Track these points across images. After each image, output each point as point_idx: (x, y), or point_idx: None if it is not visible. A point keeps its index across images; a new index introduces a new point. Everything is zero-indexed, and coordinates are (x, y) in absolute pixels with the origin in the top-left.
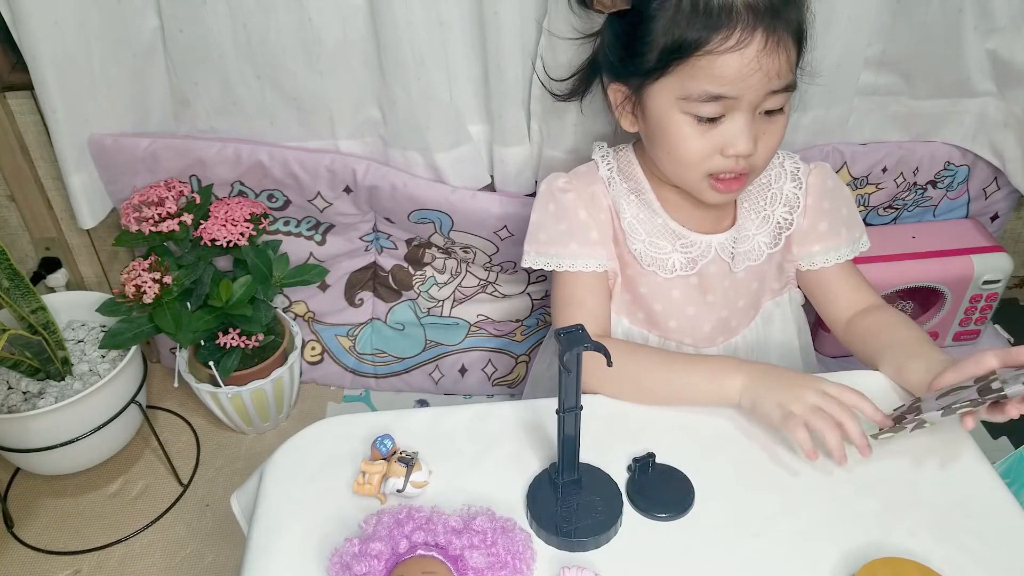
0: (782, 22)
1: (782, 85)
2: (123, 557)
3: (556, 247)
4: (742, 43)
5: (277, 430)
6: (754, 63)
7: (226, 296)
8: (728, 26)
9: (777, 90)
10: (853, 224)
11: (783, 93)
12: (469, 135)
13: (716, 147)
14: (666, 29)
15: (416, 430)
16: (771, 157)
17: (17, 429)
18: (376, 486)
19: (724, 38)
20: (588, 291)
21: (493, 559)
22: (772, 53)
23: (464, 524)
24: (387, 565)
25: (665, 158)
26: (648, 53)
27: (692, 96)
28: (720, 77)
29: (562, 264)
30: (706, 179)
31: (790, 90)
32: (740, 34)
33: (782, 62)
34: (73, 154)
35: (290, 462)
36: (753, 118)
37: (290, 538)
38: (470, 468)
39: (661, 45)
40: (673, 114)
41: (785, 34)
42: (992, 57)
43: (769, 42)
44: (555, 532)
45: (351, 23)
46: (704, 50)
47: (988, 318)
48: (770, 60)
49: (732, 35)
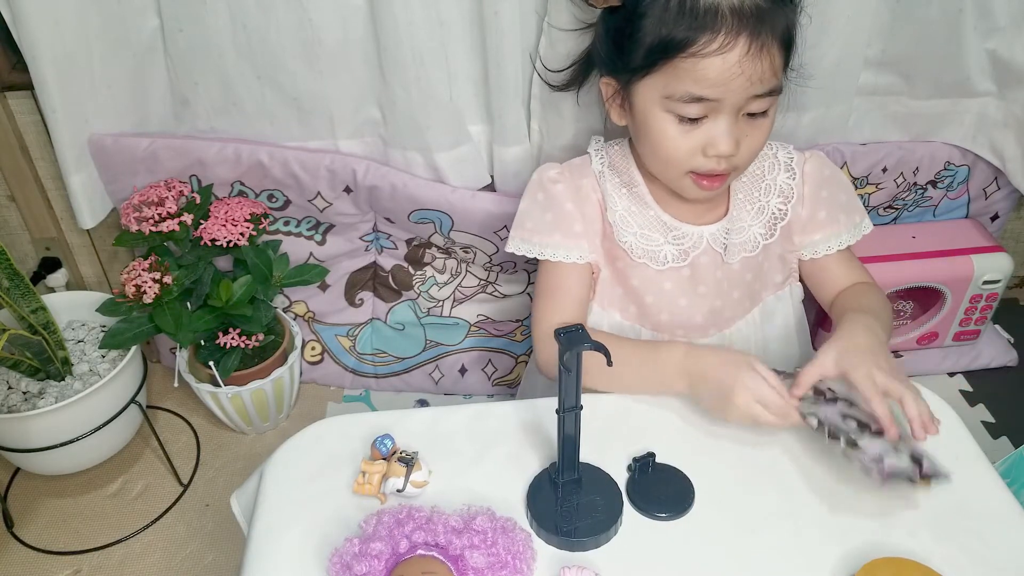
0: (768, 27)
1: (765, 90)
2: (123, 557)
3: (540, 236)
4: (725, 47)
5: (277, 430)
6: (736, 67)
7: (226, 296)
8: (713, 29)
9: (760, 94)
10: (852, 209)
11: (767, 97)
12: (469, 135)
13: (698, 147)
14: (653, 27)
15: (416, 430)
16: (753, 158)
17: (17, 429)
18: (376, 486)
19: (708, 41)
20: (568, 281)
21: (493, 559)
22: (755, 58)
23: (464, 524)
24: (387, 565)
25: (649, 154)
26: (636, 50)
27: (675, 96)
28: (703, 79)
29: (544, 253)
30: (687, 176)
31: (774, 94)
32: (724, 38)
33: (765, 67)
34: (73, 154)
35: (290, 462)
36: (736, 120)
37: (290, 538)
38: (470, 468)
39: (648, 43)
40: (657, 112)
41: (770, 39)
42: (992, 57)
43: (752, 47)
44: (555, 532)
45: (351, 23)
46: (688, 52)
47: (988, 318)
48: (753, 65)
49: (716, 38)
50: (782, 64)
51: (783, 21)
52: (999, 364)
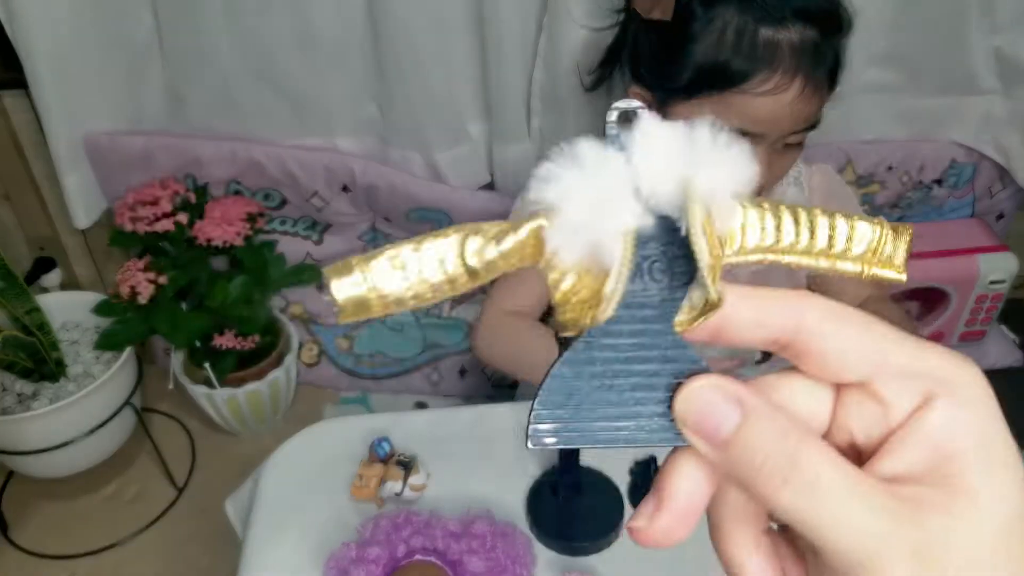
0: (823, 65)
1: (808, 125)
2: (118, 561)
3: None
4: (780, 88)
5: (273, 433)
6: (787, 108)
7: (222, 297)
8: (769, 67)
9: (802, 129)
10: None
11: (805, 131)
12: (468, 133)
13: None
14: (705, 53)
15: (414, 433)
16: (776, 182)
17: (11, 431)
18: (374, 490)
19: (763, 80)
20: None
21: (492, 564)
22: (807, 99)
23: (463, 528)
24: (385, 570)
25: None
26: (682, 72)
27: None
28: (751, 117)
29: None
30: None
31: (815, 127)
32: (779, 79)
33: (814, 107)
34: (68, 153)
35: (286, 465)
36: (772, 150)
37: (286, 543)
38: (469, 471)
39: (697, 68)
40: None
41: (823, 77)
42: (997, 54)
43: (806, 89)
44: (555, 536)
45: (349, 19)
46: (741, 87)
47: (994, 318)
48: (804, 106)
49: (771, 78)
50: (828, 96)
51: (835, 52)
52: (1005, 365)
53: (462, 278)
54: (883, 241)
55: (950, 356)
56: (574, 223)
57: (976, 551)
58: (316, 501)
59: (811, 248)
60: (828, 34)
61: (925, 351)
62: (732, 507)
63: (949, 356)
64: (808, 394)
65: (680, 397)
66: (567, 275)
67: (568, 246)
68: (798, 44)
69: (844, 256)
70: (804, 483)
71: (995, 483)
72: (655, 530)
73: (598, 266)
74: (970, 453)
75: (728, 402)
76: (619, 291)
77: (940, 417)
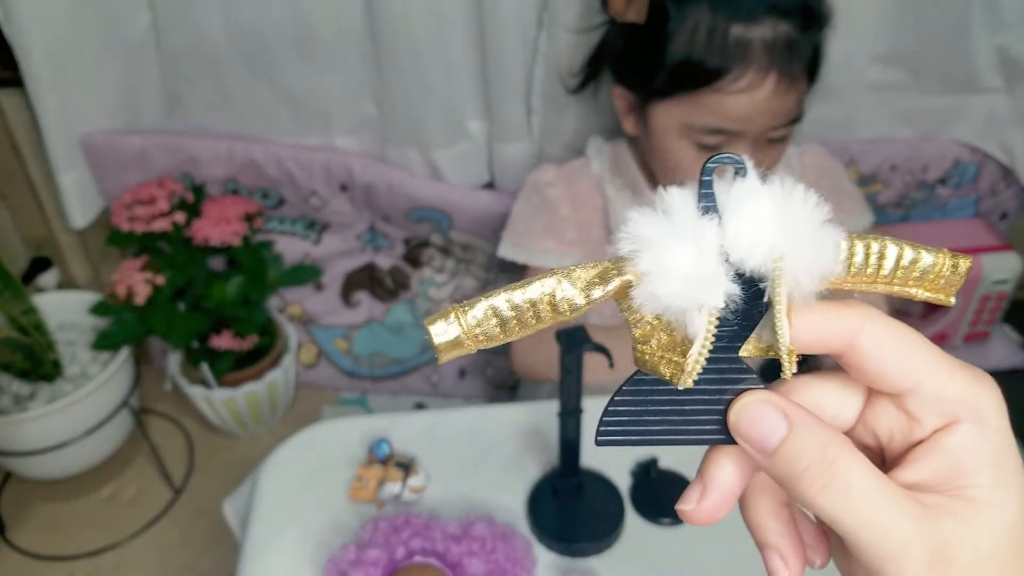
0: (798, 59)
1: (788, 120)
2: (116, 563)
3: (532, 241)
4: (754, 85)
5: (272, 434)
6: (763, 104)
7: (219, 297)
8: (742, 64)
9: (783, 124)
10: (855, 198)
11: (789, 126)
12: (468, 131)
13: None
14: (679, 53)
15: (414, 434)
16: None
17: (8, 432)
18: (373, 491)
19: (735, 78)
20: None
21: (493, 566)
22: (783, 95)
23: (463, 530)
24: (384, 572)
25: (660, 170)
26: (658, 73)
27: (696, 127)
28: (727, 115)
29: (533, 260)
30: None
31: (797, 123)
32: (752, 76)
33: (791, 103)
34: (64, 152)
35: (285, 467)
36: (754, 146)
37: (285, 545)
38: (469, 473)
39: (672, 68)
40: (675, 137)
41: (799, 72)
42: (1001, 53)
43: (781, 84)
44: (556, 538)
45: (346, 16)
46: (714, 86)
47: (998, 319)
48: (780, 102)
49: (744, 75)
50: (807, 90)
51: (811, 46)
52: (1009, 366)
53: (550, 320)
54: (942, 270)
55: (976, 380)
56: (663, 293)
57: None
58: (315, 503)
59: (877, 278)
60: (803, 28)
61: (956, 374)
62: (757, 483)
63: (975, 380)
64: (839, 396)
65: (734, 410)
66: (645, 321)
67: (653, 307)
68: (771, 40)
69: (904, 283)
70: (840, 488)
71: (1004, 496)
72: (700, 511)
73: (677, 324)
74: (983, 470)
75: (776, 416)
76: (699, 365)
77: (962, 439)
